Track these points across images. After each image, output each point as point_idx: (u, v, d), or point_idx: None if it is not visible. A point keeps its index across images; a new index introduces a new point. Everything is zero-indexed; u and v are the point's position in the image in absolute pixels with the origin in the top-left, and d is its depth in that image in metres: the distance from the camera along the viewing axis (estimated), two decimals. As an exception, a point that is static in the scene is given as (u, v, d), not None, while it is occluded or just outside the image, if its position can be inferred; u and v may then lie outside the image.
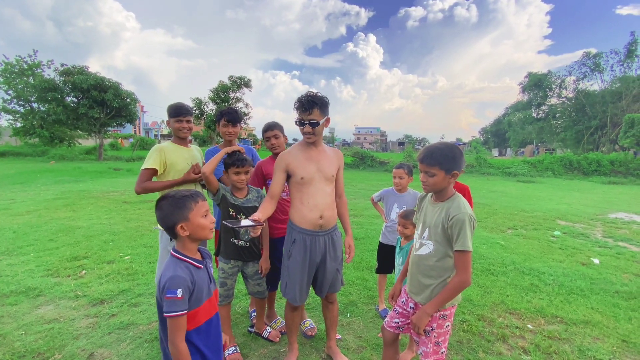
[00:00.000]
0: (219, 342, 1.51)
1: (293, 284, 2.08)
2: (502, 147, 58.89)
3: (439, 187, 1.62)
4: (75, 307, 2.93)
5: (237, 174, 2.20)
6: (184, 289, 1.27)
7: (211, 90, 29.01)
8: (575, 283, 3.82)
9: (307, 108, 1.95)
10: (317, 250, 2.07)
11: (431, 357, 1.66)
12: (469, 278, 1.54)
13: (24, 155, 23.36)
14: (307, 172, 2.03)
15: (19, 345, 2.39)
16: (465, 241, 1.50)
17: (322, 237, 2.08)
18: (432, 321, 1.65)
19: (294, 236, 2.08)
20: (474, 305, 3.20)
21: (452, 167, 1.57)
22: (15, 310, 2.88)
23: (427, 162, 1.59)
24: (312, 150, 2.09)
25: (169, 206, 1.35)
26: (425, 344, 1.68)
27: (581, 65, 31.21)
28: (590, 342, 2.65)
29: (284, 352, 2.38)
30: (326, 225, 2.08)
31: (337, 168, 2.17)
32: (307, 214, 2.04)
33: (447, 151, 1.58)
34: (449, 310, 1.66)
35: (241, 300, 3.17)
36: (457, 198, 1.63)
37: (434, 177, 1.59)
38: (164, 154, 2.34)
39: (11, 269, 3.75)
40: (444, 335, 1.68)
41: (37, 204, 7.51)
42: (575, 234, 6.18)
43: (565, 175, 20.08)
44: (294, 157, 2.06)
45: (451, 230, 1.55)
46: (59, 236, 5.04)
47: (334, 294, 2.27)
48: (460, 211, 1.55)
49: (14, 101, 22.96)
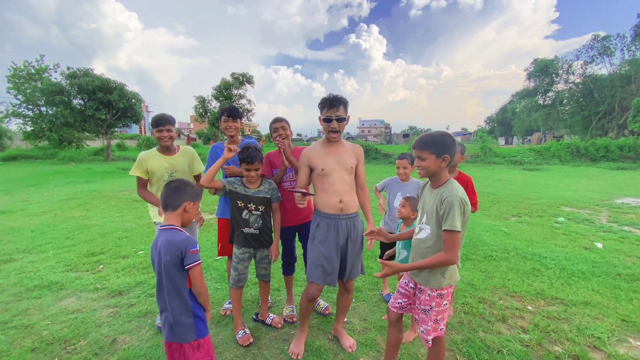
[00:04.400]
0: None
1: (316, 266, 2.20)
2: (509, 136, 58.18)
3: (432, 170, 1.73)
4: (96, 299, 3.11)
5: (247, 170, 2.36)
6: (198, 244, 1.67)
7: (214, 87, 29.17)
8: (577, 266, 3.90)
9: (334, 105, 2.15)
10: (339, 233, 2.21)
11: (431, 334, 1.78)
12: (454, 257, 1.64)
13: (35, 158, 23.82)
14: (327, 164, 2.23)
15: (47, 333, 2.56)
16: (454, 221, 1.60)
17: (343, 221, 2.23)
18: (430, 300, 1.77)
19: (318, 220, 2.26)
20: (476, 289, 3.31)
21: (442, 151, 1.68)
22: (40, 302, 3.06)
23: (419, 147, 1.73)
24: (332, 145, 2.28)
25: (188, 186, 1.76)
26: (425, 322, 1.79)
27: (589, 49, 30.63)
28: (589, 322, 2.74)
29: (292, 335, 2.52)
30: (346, 210, 2.23)
31: (356, 161, 2.32)
32: (328, 199, 2.22)
33: (437, 136, 1.71)
34: (446, 290, 1.77)
35: (251, 289, 3.32)
36: (451, 183, 1.73)
37: (425, 160, 1.72)
38: (145, 163, 2.55)
39: (33, 265, 3.95)
40: (442, 313, 1.79)
41: (51, 204, 7.76)
42: (579, 220, 6.22)
43: (572, 162, 19.90)
44: (316, 153, 2.27)
45: (442, 212, 1.66)
46: (75, 234, 5.25)
47: (351, 281, 2.38)
48: (451, 194, 1.65)
49: (23, 105, 23.37)
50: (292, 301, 2.95)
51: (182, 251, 1.59)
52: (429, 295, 1.77)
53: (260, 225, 2.43)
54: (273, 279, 3.46)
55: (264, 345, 2.41)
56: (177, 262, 1.59)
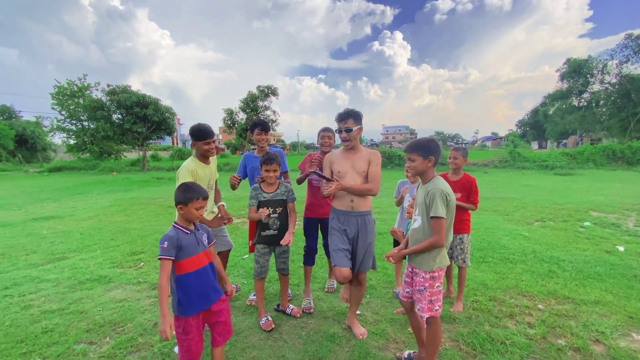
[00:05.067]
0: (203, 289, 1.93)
1: (336, 250, 2.50)
2: (542, 140, 55.77)
3: (420, 169, 2.08)
4: (139, 290, 3.53)
5: (267, 172, 2.70)
6: (169, 242, 1.83)
7: (241, 100, 30.33)
8: (594, 269, 3.90)
9: (342, 118, 2.53)
10: (350, 227, 2.54)
11: (426, 313, 2.05)
12: (441, 240, 1.96)
13: (78, 169, 25.71)
14: (342, 167, 2.58)
15: (99, 318, 2.98)
16: (437, 209, 1.94)
17: (354, 217, 2.55)
18: (424, 281, 2.05)
19: (333, 215, 2.64)
20: (488, 289, 3.43)
21: (428, 154, 2.04)
22: (91, 293, 3.52)
23: (409, 150, 2.11)
24: (348, 152, 2.62)
25: (182, 190, 1.95)
26: (420, 301, 2.08)
27: (623, 48, 29.18)
28: (596, 319, 2.81)
29: (310, 323, 2.80)
30: (357, 208, 2.55)
31: (368, 164, 2.57)
32: (342, 198, 2.58)
33: (424, 142, 2.09)
34: (437, 272, 2.05)
35: (274, 284, 3.62)
36: (436, 179, 2.06)
37: (414, 161, 2.08)
38: (195, 172, 2.69)
39: (83, 262, 4.47)
40: (436, 294, 2.06)
41: (96, 210, 8.52)
42: (606, 224, 6.08)
43: (607, 166, 18.96)
44: (335, 157, 2.66)
45: (428, 203, 1.99)
46: (118, 236, 5.81)
47: (363, 274, 2.63)
48: (434, 187, 1.99)
49: (67, 120, 25.37)
50: (309, 293, 3.23)
51: None
52: (422, 277, 2.05)
53: (278, 227, 2.75)
54: (293, 276, 3.76)
55: (284, 331, 2.70)
56: None
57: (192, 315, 1.89)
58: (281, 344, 2.53)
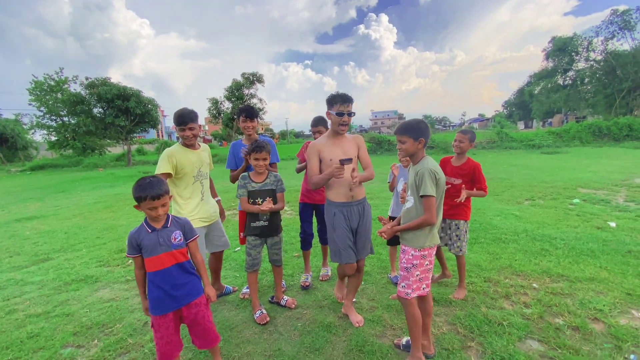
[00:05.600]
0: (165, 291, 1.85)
1: (345, 248, 2.43)
2: (528, 120, 56.37)
3: (410, 151, 2.05)
4: (128, 289, 3.42)
5: (255, 160, 2.57)
6: (129, 240, 1.84)
7: (226, 89, 29.67)
8: (587, 245, 3.93)
9: (347, 100, 2.38)
10: (353, 218, 2.46)
11: (415, 292, 2.04)
12: (432, 217, 1.96)
13: (61, 166, 24.99)
14: (334, 155, 2.42)
15: (86, 319, 2.86)
16: (426, 188, 1.93)
17: (355, 207, 2.46)
18: (413, 259, 2.03)
19: (334, 210, 2.46)
20: (482, 270, 3.42)
21: (418, 135, 2.01)
22: (78, 294, 3.38)
23: (399, 132, 2.07)
24: (337, 138, 2.49)
25: (134, 189, 1.82)
26: (406, 279, 2.06)
27: (609, 25, 29.32)
28: (593, 296, 2.81)
29: (306, 314, 2.74)
30: (356, 196, 2.47)
31: (357, 149, 2.52)
32: (339, 189, 2.44)
33: (414, 123, 2.05)
34: (427, 251, 2.04)
35: (267, 276, 3.54)
36: (425, 159, 2.04)
37: (405, 143, 2.05)
38: (174, 157, 2.50)
39: (69, 262, 4.31)
40: (425, 273, 2.05)
41: (80, 208, 8.27)
42: (595, 201, 6.15)
43: (594, 143, 19.30)
44: (324, 145, 2.49)
45: (418, 182, 1.98)
46: (104, 234, 5.64)
47: (362, 261, 2.59)
48: (422, 167, 1.97)
49: (47, 117, 24.50)
50: (308, 270, 3.32)
51: None
52: (412, 255, 2.03)
53: (269, 217, 2.64)
54: (287, 266, 3.69)
55: (279, 323, 2.63)
56: None
57: (157, 314, 1.85)
58: (276, 336, 2.47)
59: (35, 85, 23.84)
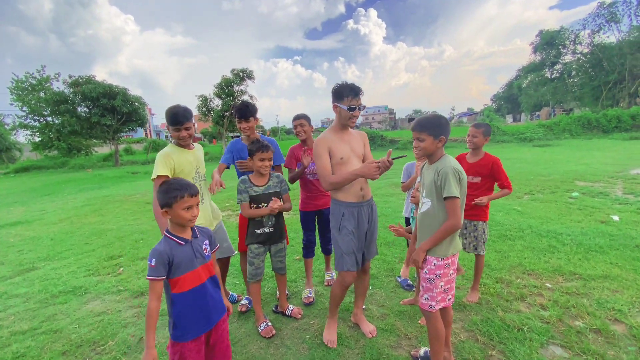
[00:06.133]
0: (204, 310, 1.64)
1: (349, 254, 2.22)
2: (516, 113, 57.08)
3: (429, 150, 1.85)
4: (120, 301, 3.20)
5: (261, 160, 2.36)
6: (157, 259, 1.51)
7: (215, 85, 29.11)
8: (594, 241, 3.85)
9: (359, 93, 2.17)
10: (364, 219, 2.26)
11: (440, 304, 1.87)
12: (458, 221, 1.76)
13: (46, 168, 24.29)
14: (345, 153, 2.24)
15: (75, 337, 2.65)
16: (450, 188, 1.73)
17: (365, 207, 2.27)
18: (436, 269, 1.85)
19: (342, 210, 2.22)
20: (492, 269, 3.30)
21: (439, 133, 1.81)
22: (66, 307, 3.16)
23: (418, 129, 1.84)
24: (344, 133, 2.30)
25: (162, 191, 1.59)
26: (430, 290, 1.87)
27: (595, 17, 29.68)
28: (609, 295, 2.72)
29: (313, 324, 2.57)
30: (366, 196, 2.28)
31: (363, 145, 2.37)
32: (350, 188, 2.23)
33: (434, 119, 1.84)
34: (450, 259, 1.85)
35: (269, 282, 3.37)
36: (445, 157, 1.86)
37: (424, 142, 1.83)
38: (171, 159, 2.30)
39: (55, 272, 4.06)
40: (450, 282, 1.88)
41: (67, 212, 7.93)
42: (594, 194, 6.13)
43: (584, 135, 19.52)
44: (333, 140, 2.25)
45: (439, 182, 1.79)
46: (93, 239, 5.37)
47: (368, 263, 2.43)
48: (444, 165, 1.79)
49: (29, 117, 23.72)
50: (310, 284, 3.08)
51: None
52: (434, 265, 1.85)
53: (274, 223, 2.46)
54: (289, 271, 3.51)
55: (286, 336, 2.46)
56: None
57: (190, 339, 1.61)
58: (284, 351, 2.29)
59: (16, 84, 23.03)
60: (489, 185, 2.69)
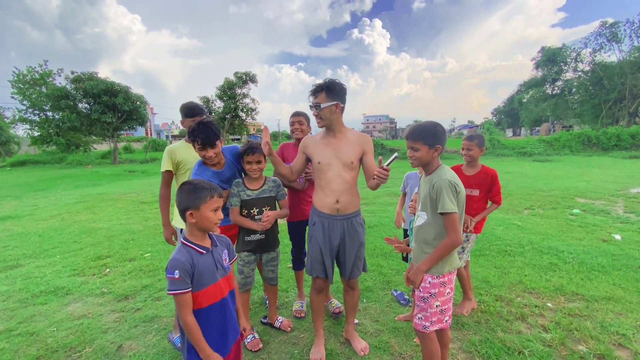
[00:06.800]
0: (222, 330, 1.49)
1: (317, 262, 2.15)
2: (517, 127, 57.33)
3: (424, 160, 1.73)
4: (102, 304, 3.06)
5: (248, 164, 2.23)
6: (180, 270, 1.35)
7: (217, 87, 29.14)
8: (596, 260, 3.74)
9: (314, 92, 2.06)
10: (334, 234, 2.11)
11: (435, 325, 1.74)
12: (458, 237, 1.64)
13: (43, 163, 24.08)
14: (324, 158, 2.09)
15: (52, 341, 2.51)
16: (445, 204, 1.62)
17: (339, 222, 2.11)
18: (431, 287, 1.72)
19: (314, 219, 2.18)
20: (491, 286, 3.18)
21: (435, 142, 1.69)
22: (46, 308, 3.02)
23: (412, 138, 1.72)
24: (331, 136, 2.13)
25: (187, 192, 1.44)
26: (424, 310, 1.75)
27: (597, 36, 29.90)
28: (613, 318, 2.60)
29: (302, 338, 2.44)
30: (343, 210, 2.10)
31: (360, 153, 2.13)
32: (324, 198, 2.11)
33: (430, 127, 1.71)
34: (447, 277, 1.73)
35: (259, 291, 3.23)
36: (441, 168, 1.74)
37: (418, 151, 1.71)
38: (175, 154, 2.38)
39: (39, 270, 3.92)
40: (447, 303, 1.75)
41: (59, 208, 7.78)
42: (595, 211, 6.03)
43: (583, 152, 19.50)
44: (313, 142, 2.17)
45: (435, 197, 1.67)
46: (82, 238, 5.23)
47: (354, 280, 2.26)
48: (440, 178, 1.67)
49: (29, 111, 23.57)
50: (302, 296, 2.92)
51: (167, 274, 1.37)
52: (429, 283, 1.73)
53: (266, 229, 2.33)
54: (281, 279, 3.38)
55: (273, 350, 2.32)
56: None
57: None
58: (270, 366, 2.17)
59: (18, 78, 22.93)
60: (486, 198, 2.63)
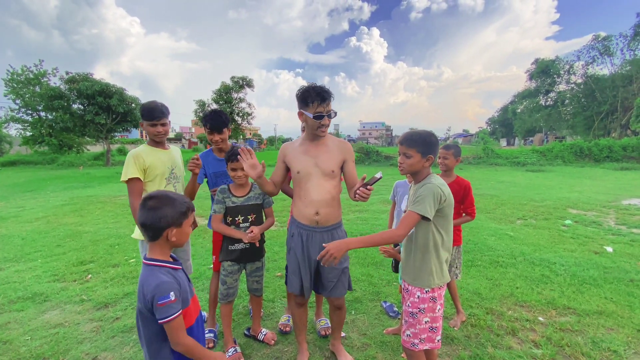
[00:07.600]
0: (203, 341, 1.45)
1: (294, 276, 2.07)
2: (510, 137, 57.94)
3: (415, 168, 1.69)
4: (80, 312, 2.94)
5: (233, 170, 2.17)
6: (175, 292, 1.25)
7: (213, 91, 29.09)
8: (588, 272, 3.71)
9: (326, 98, 1.88)
10: (313, 246, 2.00)
11: (425, 343, 1.67)
12: (402, 235, 1.58)
13: (35, 163, 23.75)
14: (303, 166, 1.99)
15: (25, 350, 2.39)
16: (422, 205, 1.55)
17: (319, 234, 2.00)
18: (420, 302, 1.66)
19: (293, 230, 2.08)
20: (482, 299, 3.13)
21: (428, 151, 1.65)
22: (21, 315, 2.89)
23: (407, 144, 1.68)
24: (312, 144, 2.01)
25: (168, 207, 1.30)
26: (412, 326, 1.68)
27: (590, 50, 30.46)
28: (604, 333, 2.55)
29: (287, 352, 2.35)
30: (323, 222, 2.00)
31: (341, 161, 2.04)
32: (304, 209, 2.00)
33: (425, 136, 1.68)
34: (436, 292, 1.66)
35: (243, 300, 3.14)
36: (431, 177, 1.69)
37: (410, 158, 1.67)
38: (141, 158, 2.16)
39: (18, 275, 3.78)
40: (437, 320, 1.68)
41: (45, 210, 7.61)
42: (587, 223, 6.03)
43: (575, 163, 19.67)
44: (292, 150, 2.06)
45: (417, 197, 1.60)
46: (66, 242, 5.09)
47: (340, 299, 2.11)
48: (429, 182, 1.63)
49: (22, 110, 23.31)
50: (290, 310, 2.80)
51: (150, 301, 1.22)
52: (418, 297, 1.66)
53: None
54: (267, 289, 3.29)
55: (255, 364, 2.23)
56: (147, 312, 1.25)
57: None
58: (252, 381, 2.08)
59: (11, 77, 22.69)
60: (459, 210, 2.55)
